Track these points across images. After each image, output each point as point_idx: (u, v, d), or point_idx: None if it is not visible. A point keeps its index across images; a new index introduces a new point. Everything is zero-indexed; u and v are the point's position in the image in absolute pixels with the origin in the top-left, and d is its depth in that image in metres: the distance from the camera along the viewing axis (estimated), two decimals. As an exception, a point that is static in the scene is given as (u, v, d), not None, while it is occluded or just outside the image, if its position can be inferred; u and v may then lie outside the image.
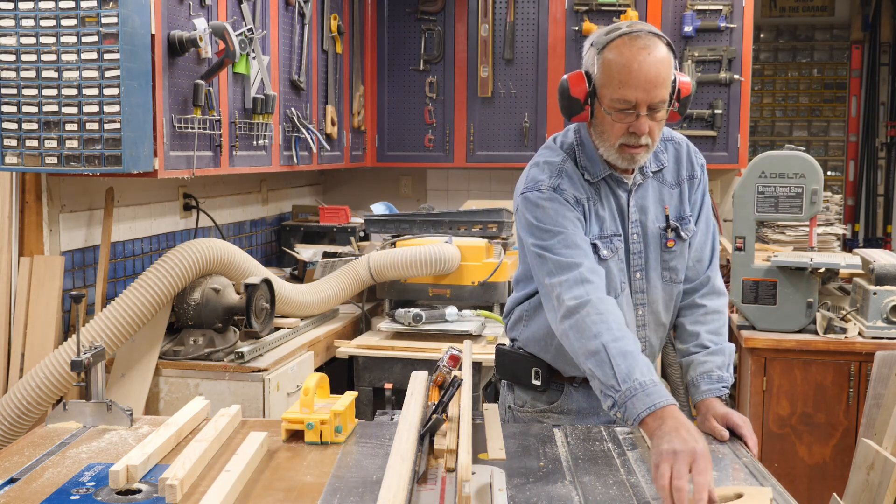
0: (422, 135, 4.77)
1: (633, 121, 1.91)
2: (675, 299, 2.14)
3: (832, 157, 6.55)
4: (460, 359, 2.06)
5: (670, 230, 2.07)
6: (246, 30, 3.08)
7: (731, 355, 2.06)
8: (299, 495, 1.61)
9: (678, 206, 2.10)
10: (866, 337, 3.28)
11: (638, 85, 1.88)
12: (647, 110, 1.91)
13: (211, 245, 2.98)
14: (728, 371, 2.02)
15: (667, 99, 1.92)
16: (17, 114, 2.47)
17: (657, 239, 2.08)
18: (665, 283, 2.11)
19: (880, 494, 2.57)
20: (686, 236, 2.09)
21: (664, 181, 2.10)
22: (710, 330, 2.08)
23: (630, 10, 4.40)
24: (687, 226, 2.10)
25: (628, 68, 1.89)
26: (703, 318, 2.10)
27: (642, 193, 2.08)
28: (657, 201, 2.09)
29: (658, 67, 1.89)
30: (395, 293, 3.67)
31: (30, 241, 2.80)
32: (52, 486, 1.63)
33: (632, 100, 1.90)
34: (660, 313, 2.12)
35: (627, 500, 1.60)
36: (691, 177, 2.12)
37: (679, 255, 2.10)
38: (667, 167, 2.11)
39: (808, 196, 3.34)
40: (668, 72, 1.91)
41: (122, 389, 2.86)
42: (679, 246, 2.09)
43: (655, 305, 2.11)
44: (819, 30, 6.53)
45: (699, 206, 2.14)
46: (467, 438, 1.56)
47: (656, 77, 1.88)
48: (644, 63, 1.88)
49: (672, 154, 2.12)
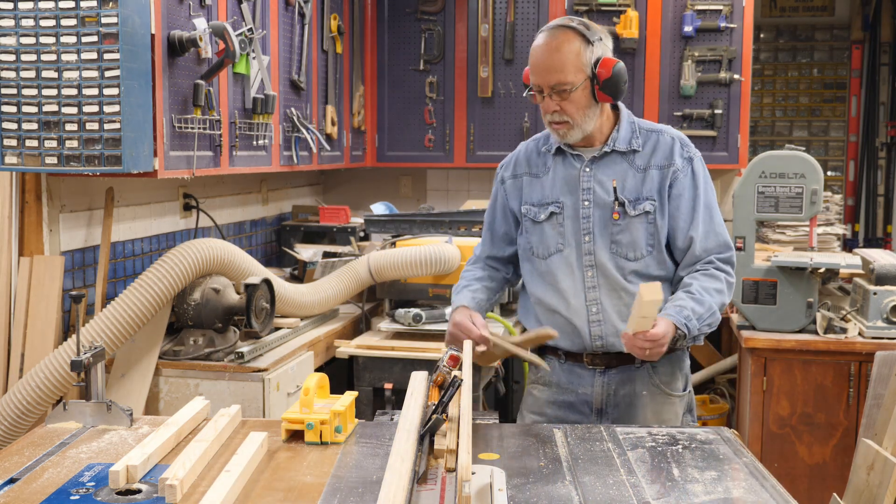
0: (422, 135, 4.77)
1: (542, 102, 2.24)
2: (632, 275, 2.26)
3: (832, 157, 6.55)
4: (460, 359, 2.06)
5: (617, 203, 2.25)
6: (246, 30, 3.08)
7: (711, 315, 2.18)
8: (299, 495, 1.61)
9: (638, 187, 2.26)
10: (866, 337, 3.28)
11: (536, 71, 2.22)
12: (552, 91, 2.20)
13: (211, 245, 2.98)
14: (698, 321, 2.15)
15: (567, 81, 2.18)
16: (17, 114, 2.47)
17: (607, 209, 2.27)
18: (612, 254, 2.27)
19: (880, 494, 2.57)
20: (632, 213, 2.25)
21: (633, 163, 2.28)
22: (702, 285, 2.20)
23: (630, 10, 4.40)
24: (639, 205, 2.25)
25: (533, 58, 2.23)
26: (699, 276, 2.23)
27: (603, 167, 2.29)
28: (618, 177, 2.27)
29: (553, 56, 2.19)
30: (395, 293, 3.67)
31: (30, 241, 2.80)
32: (52, 486, 1.63)
33: (536, 84, 2.22)
34: (615, 279, 2.26)
35: (627, 500, 1.60)
36: (666, 166, 2.26)
37: (626, 230, 2.25)
38: (640, 152, 2.29)
39: (808, 196, 3.34)
40: (565, 57, 2.18)
41: (122, 389, 2.86)
42: (625, 221, 2.25)
43: (606, 270, 2.27)
44: (819, 30, 6.52)
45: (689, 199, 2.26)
46: (467, 438, 1.56)
47: (551, 64, 2.18)
48: (542, 52, 2.20)
49: (651, 143, 2.29)
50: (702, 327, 2.17)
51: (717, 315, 2.20)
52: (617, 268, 2.26)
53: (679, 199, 2.26)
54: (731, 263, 2.28)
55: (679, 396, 2.33)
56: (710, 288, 2.20)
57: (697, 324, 2.15)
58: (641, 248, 2.25)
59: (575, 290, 2.28)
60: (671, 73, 4.48)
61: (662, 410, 2.31)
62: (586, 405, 2.33)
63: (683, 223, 2.25)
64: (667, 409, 2.31)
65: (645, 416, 2.29)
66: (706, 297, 2.18)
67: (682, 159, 2.27)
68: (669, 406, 2.32)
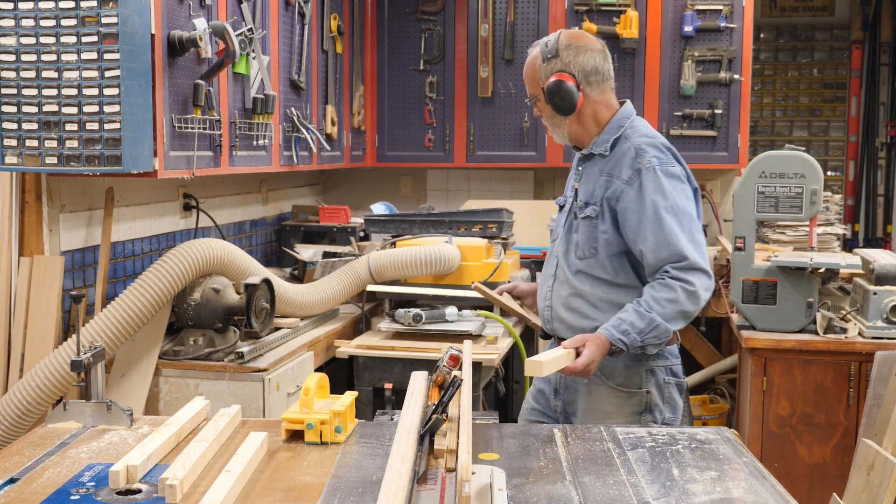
0: (422, 135, 4.77)
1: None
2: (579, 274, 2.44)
3: (832, 157, 6.55)
4: (460, 359, 2.06)
5: (577, 204, 2.47)
6: (246, 30, 3.08)
7: (653, 329, 2.28)
8: (299, 495, 1.61)
9: (591, 190, 2.44)
10: (866, 337, 3.27)
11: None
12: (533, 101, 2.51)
13: (211, 245, 2.98)
14: (638, 335, 2.27)
15: (535, 93, 2.47)
16: (17, 114, 2.47)
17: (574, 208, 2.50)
18: (566, 250, 2.49)
19: (880, 494, 2.57)
20: (580, 216, 2.44)
21: (600, 166, 2.45)
22: (653, 296, 2.31)
23: (630, 10, 4.40)
24: (586, 210, 2.43)
25: None
26: (655, 285, 2.33)
27: (587, 168, 2.50)
28: (590, 179, 2.47)
29: (525, 69, 2.50)
30: (395, 293, 3.67)
31: (30, 241, 2.80)
32: (52, 486, 1.63)
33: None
34: (565, 272, 2.48)
35: (627, 500, 1.60)
36: (615, 177, 2.39)
37: (578, 230, 2.45)
38: (606, 156, 2.45)
39: (808, 196, 3.34)
40: (529, 72, 2.47)
41: (122, 389, 2.86)
42: (577, 222, 2.45)
43: (562, 262, 2.50)
44: (819, 30, 6.52)
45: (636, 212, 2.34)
46: (467, 438, 1.56)
47: (524, 75, 2.51)
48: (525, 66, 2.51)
49: (617, 150, 2.43)
50: (645, 340, 2.28)
51: (663, 327, 2.28)
52: (567, 263, 2.48)
53: (625, 213, 2.36)
54: (692, 269, 2.30)
55: (626, 392, 2.41)
56: (661, 298, 2.28)
57: (638, 337, 2.27)
58: (584, 249, 2.43)
59: (546, 276, 2.56)
60: (671, 73, 4.48)
61: (604, 402, 2.42)
62: (549, 383, 2.58)
63: (632, 235, 2.35)
64: (608, 402, 2.41)
65: (587, 403, 2.45)
66: (653, 308, 2.28)
67: (631, 171, 2.36)
68: (611, 399, 2.41)
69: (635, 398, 2.41)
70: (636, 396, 2.41)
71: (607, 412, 2.41)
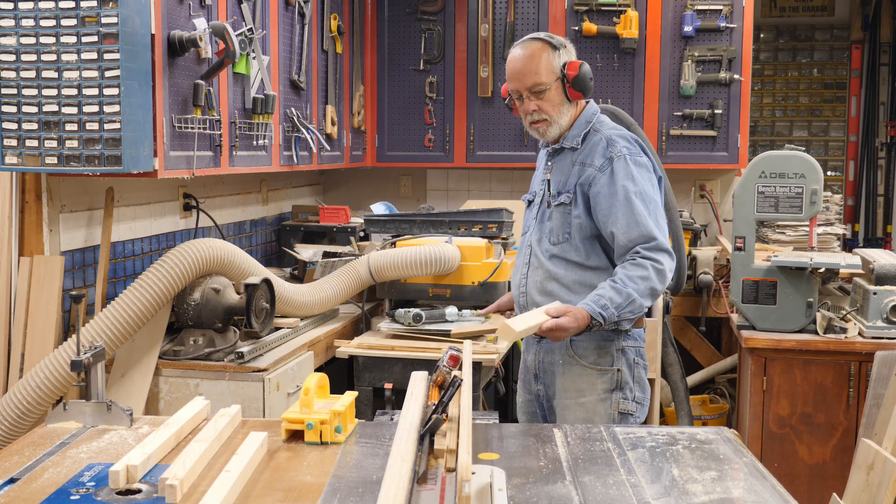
0: (422, 135, 4.77)
1: (521, 105, 2.57)
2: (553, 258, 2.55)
3: (832, 157, 6.54)
4: (460, 359, 2.06)
5: (549, 195, 2.60)
6: (246, 30, 3.08)
7: (630, 303, 2.39)
8: (299, 495, 1.61)
9: (564, 181, 2.57)
10: (866, 337, 3.28)
11: (514, 77, 2.55)
12: (530, 93, 2.53)
13: (211, 245, 2.98)
14: (616, 310, 2.37)
15: (542, 81, 2.51)
16: (17, 114, 2.47)
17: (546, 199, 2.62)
18: (541, 237, 2.60)
19: (880, 494, 2.57)
20: (554, 203, 2.56)
21: (572, 158, 2.58)
22: (626, 273, 2.42)
23: (630, 10, 4.40)
24: (560, 198, 2.56)
25: (509, 68, 2.57)
26: (626, 265, 2.45)
27: (557, 162, 2.62)
28: (562, 171, 2.58)
29: (525, 61, 2.52)
30: (395, 293, 3.67)
31: (30, 241, 2.80)
32: (52, 486, 1.63)
33: (514, 89, 2.56)
34: (540, 259, 2.59)
35: (627, 500, 1.60)
36: (588, 164, 2.52)
37: (551, 218, 2.58)
38: (578, 149, 2.57)
39: (808, 196, 3.34)
40: (536, 61, 2.50)
41: (122, 389, 2.86)
42: (550, 210, 2.58)
43: (535, 250, 2.62)
44: (819, 30, 6.52)
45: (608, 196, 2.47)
46: (467, 438, 1.56)
47: (523, 68, 2.52)
48: (517, 60, 2.54)
49: (588, 142, 2.57)
50: (621, 314, 2.39)
51: (638, 302, 2.40)
52: (542, 249, 2.59)
53: (597, 198, 2.49)
54: (659, 250, 2.44)
55: (598, 370, 2.52)
56: (635, 276, 2.40)
57: (616, 311, 2.37)
58: (559, 235, 2.56)
59: (519, 265, 2.68)
60: (671, 73, 4.48)
61: (577, 381, 2.54)
62: (529, 371, 2.68)
63: (603, 218, 2.48)
64: (582, 380, 2.54)
65: (562, 383, 2.56)
66: (629, 284, 2.39)
67: (603, 159, 2.50)
68: (585, 377, 2.53)
69: (607, 375, 2.53)
70: (608, 374, 2.53)
71: (581, 390, 2.54)
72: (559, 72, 2.52)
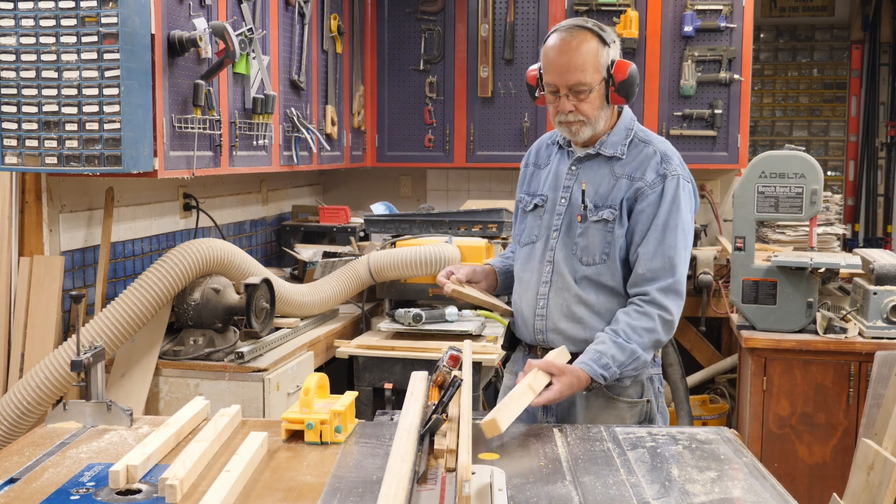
0: (422, 135, 4.77)
1: (558, 102, 2.25)
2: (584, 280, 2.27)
3: (832, 157, 6.54)
4: (460, 359, 2.06)
5: (584, 206, 2.28)
6: (246, 30, 3.08)
7: (633, 360, 2.17)
8: (299, 495, 1.61)
9: (608, 193, 2.27)
10: (866, 337, 3.28)
11: (554, 70, 2.22)
12: (570, 91, 2.22)
13: (211, 245, 2.98)
14: (618, 368, 2.15)
15: (586, 81, 2.20)
16: (17, 114, 2.47)
17: (576, 210, 2.30)
18: (569, 255, 2.29)
19: (880, 494, 2.57)
20: (592, 218, 2.26)
21: (612, 169, 2.29)
22: (630, 324, 2.19)
23: (630, 10, 4.40)
24: (600, 212, 2.26)
25: (549, 57, 2.24)
26: (631, 312, 2.21)
27: (586, 169, 2.32)
28: (594, 180, 2.30)
29: (571, 55, 2.20)
30: (395, 293, 3.67)
31: (30, 241, 2.80)
32: (52, 486, 1.63)
33: (552, 83, 2.24)
34: (565, 279, 2.29)
35: (627, 500, 1.60)
36: (638, 178, 2.25)
37: (585, 234, 2.27)
38: (622, 160, 2.29)
39: (808, 196, 3.34)
40: (584, 57, 2.20)
41: (122, 389, 2.86)
42: (585, 225, 2.28)
43: (561, 268, 2.30)
44: (819, 30, 6.51)
45: (649, 217, 2.23)
46: (467, 438, 1.56)
47: (569, 63, 2.20)
48: (560, 51, 2.21)
49: (635, 153, 2.30)
50: (624, 371, 2.16)
51: (642, 358, 2.18)
52: (570, 269, 2.29)
53: (640, 215, 2.24)
54: (673, 293, 2.21)
55: (628, 403, 2.27)
56: (640, 328, 2.17)
57: (618, 370, 2.15)
58: (595, 255, 2.26)
59: (532, 283, 2.34)
60: (671, 73, 4.48)
61: (603, 413, 2.26)
62: None
63: (637, 238, 2.24)
64: (609, 414, 2.26)
65: (584, 416, 2.27)
66: (633, 339, 2.16)
67: (657, 175, 2.25)
68: (613, 410, 2.26)
69: (636, 408, 2.28)
70: (637, 407, 2.28)
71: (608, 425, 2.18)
72: (606, 71, 2.22)
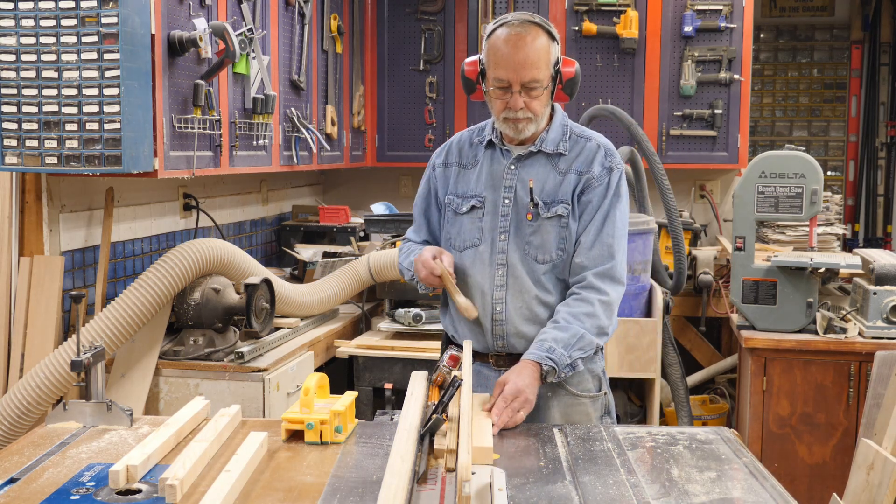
0: (422, 135, 4.77)
1: (509, 98, 2.17)
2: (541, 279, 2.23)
3: (832, 157, 6.54)
4: (460, 359, 2.06)
5: (532, 204, 2.22)
6: (246, 30, 3.08)
7: (578, 340, 2.13)
8: (299, 495, 1.61)
9: (556, 189, 2.23)
10: (866, 337, 3.27)
11: (509, 65, 2.14)
12: (522, 88, 2.16)
13: (211, 245, 2.98)
14: (564, 349, 2.11)
15: (540, 79, 2.15)
16: (17, 114, 2.47)
17: (524, 209, 2.24)
18: (524, 255, 2.23)
19: (880, 494, 2.57)
20: (545, 215, 2.21)
21: (556, 165, 2.26)
22: (569, 311, 2.17)
23: (630, 10, 4.40)
24: (553, 208, 2.22)
25: (501, 51, 2.15)
26: (570, 301, 2.20)
27: (528, 167, 2.26)
28: (538, 178, 2.24)
29: (527, 51, 2.14)
30: (395, 293, 3.67)
31: (30, 241, 2.80)
32: (52, 486, 1.63)
33: (504, 79, 2.16)
34: (522, 280, 2.23)
35: (627, 500, 1.60)
36: (584, 172, 2.24)
37: (538, 232, 2.22)
38: (566, 156, 2.26)
39: (808, 196, 3.34)
40: (539, 54, 2.15)
41: (122, 389, 2.86)
42: (538, 222, 2.22)
43: (516, 271, 2.24)
44: (819, 30, 6.52)
45: (594, 208, 2.22)
46: (467, 438, 1.56)
47: (524, 59, 2.13)
48: (516, 47, 2.14)
49: (578, 148, 2.27)
50: (571, 353, 2.11)
51: (587, 338, 2.14)
52: (527, 270, 2.23)
53: (586, 206, 2.22)
54: (608, 277, 2.19)
55: (590, 397, 2.27)
56: (579, 313, 2.15)
57: (564, 351, 2.10)
58: (551, 251, 2.22)
59: (483, 288, 2.25)
60: (671, 73, 4.48)
61: (570, 412, 2.25)
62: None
63: (581, 228, 2.22)
64: (575, 410, 2.26)
65: (553, 416, 2.25)
66: (573, 322, 2.14)
67: (602, 168, 2.24)
68: (578, 406, 2.26)
69: (598, 402, 2.29)
70: (598, 401, 2.29)
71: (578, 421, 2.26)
72: (553, 69, 2.19)
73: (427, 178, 2.42)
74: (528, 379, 2.06)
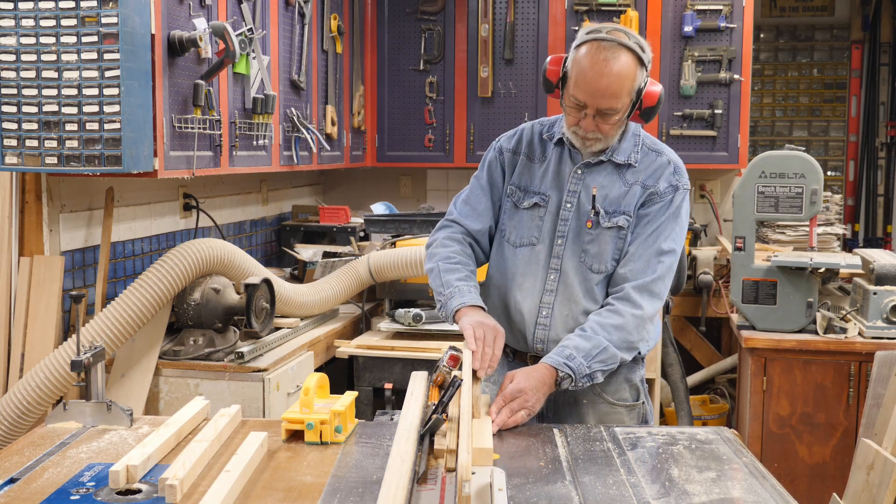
0: (422, 135, 4.77)
1: (582, 118, 2.12)
2: (594, 290, 2.19)
3: (832, 157, 6.54)
4: (460, 359, 2.05)
5: (594, 212, 2.18)
6: (246, 30, 3.08)
7: (601, 351, 2.08)
8: (299, 495, 1.61)
9: (620, 199, 2.19)
10: (866, 337, 3.27)
11: (588, 90, 2.08)
12: (598, 113, 2.09)
13: (211, 245, 2.98)
14: (584, 359, 2.06)
15: (618, 108, 2.09)
16: (17, 114, 2.47)
17: (584, 216, 2.20)
18: (579, 263, 2.19)
19: (880, 494, 2.57)
20: (605, 224, 2.17)
21: (623, 176, 2.21)
22: (599, 321, 2.12)
23: (630, 10, 4.40)
24: (614, 218, 2.18)
25: (584, 74, 2.08)
26: (602, 311, 2.15)
27: (594, 174, 2.21)
28: (603, 186, 2.20)
29: (610, 80, 2.06)
30: (395, 293, 3.67)
31: (30, 241, 2.80)
32: (52, 486, 1.63)
33: (581, 100, 2.10)
34: (574, 289, 2.19)
35: (627, 500, 1.60)
36: (650, 186, 2.19)
37: (596, 241, 2.18)
38: (635, 167, 2.21)
39: (808, 196, 3.34)
40: (622, 84, 2.07)
41: (122, 389, 2.86)
42: (597, 231, 2.18)
43: (568, 278, 2.19)
44: (819, 30, 6.52)
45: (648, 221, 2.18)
46: (467, 438, 1.56)
47: (606, 88, 2.06)
48: (600, 74, 2.06)
49: (647, 161, 2.22)
50: (591, 364, 2.06)
51: (610, 351, 2.08)
52: (580, 279, 2.18)
53: (642, 218, 2.18)
54: (647, 291, 2.14)
55: (626, 406, 2.24)
56: (608, 324, 2.10)
57: (584, 361, 2.05)
58: (607, 262, 2.18)
59: (533, 289, 2.22)
60: (671, 73, 4.48)
61: (606, 420, 2.22)
62: None
63: (632, 239, 2.18)
64: (611, 419, 2.22)
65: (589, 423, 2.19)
66: (600, 333, 2.09)
67: (668, 185, 2.20)
68: (614, 415, 2.23)
69: (635, 412, 2.25)
70: (635, 410, 2.25)
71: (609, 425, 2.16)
72: (635, 95, 2.11)
73: (491, 161, 2.33)
74: (535, 381, 2.03)
